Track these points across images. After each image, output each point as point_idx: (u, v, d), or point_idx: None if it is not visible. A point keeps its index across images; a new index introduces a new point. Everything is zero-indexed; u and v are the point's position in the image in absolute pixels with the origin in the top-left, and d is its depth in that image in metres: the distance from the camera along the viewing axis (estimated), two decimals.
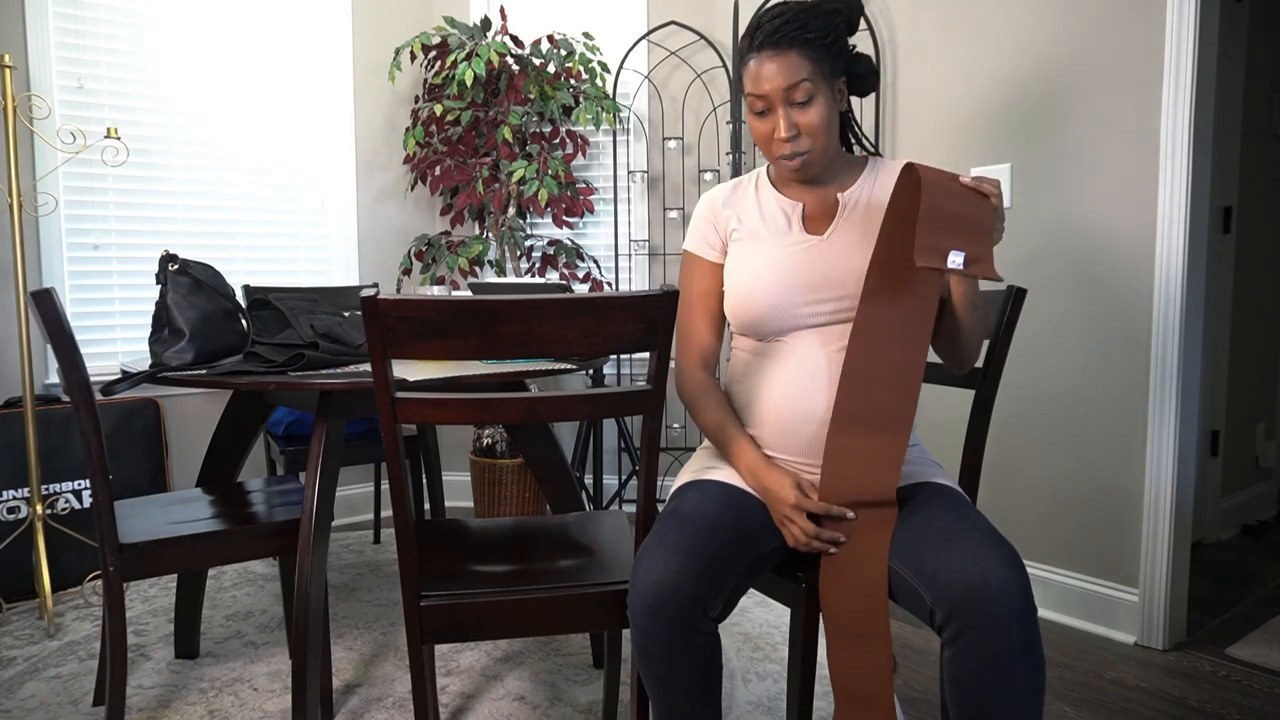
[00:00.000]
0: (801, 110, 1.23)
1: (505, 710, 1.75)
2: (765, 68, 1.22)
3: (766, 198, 1.36)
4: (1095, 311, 2.10)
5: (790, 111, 1.23)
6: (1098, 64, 2.07)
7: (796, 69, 1.21)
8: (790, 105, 1.23)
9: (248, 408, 1.98)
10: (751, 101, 1.25)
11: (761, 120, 1.26)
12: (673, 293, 1.11)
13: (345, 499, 3.23)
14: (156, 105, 2.73)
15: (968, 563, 1.03)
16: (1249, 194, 2.90)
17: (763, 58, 1.22)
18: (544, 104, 2.94)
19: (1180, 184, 1.93)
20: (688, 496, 1.22)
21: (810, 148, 1.25)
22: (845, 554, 1.15)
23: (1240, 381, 2.98)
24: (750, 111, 1.27)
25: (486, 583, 1.26)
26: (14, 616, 2.26)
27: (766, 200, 1.36)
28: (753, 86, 1.24)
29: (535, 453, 1.91)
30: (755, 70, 1.23)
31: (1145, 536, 2.03)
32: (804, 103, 1.22)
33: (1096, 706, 1.76)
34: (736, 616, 2.22)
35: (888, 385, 1.15)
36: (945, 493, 1.20)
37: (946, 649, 1.04)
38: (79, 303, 2.62)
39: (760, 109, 1.25)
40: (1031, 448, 2.25)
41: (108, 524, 1.49)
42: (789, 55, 1.21)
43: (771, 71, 1.21)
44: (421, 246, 3.07)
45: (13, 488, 2.36)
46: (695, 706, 1.11)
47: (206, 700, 1.79)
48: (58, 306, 1.41)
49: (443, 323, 1.05)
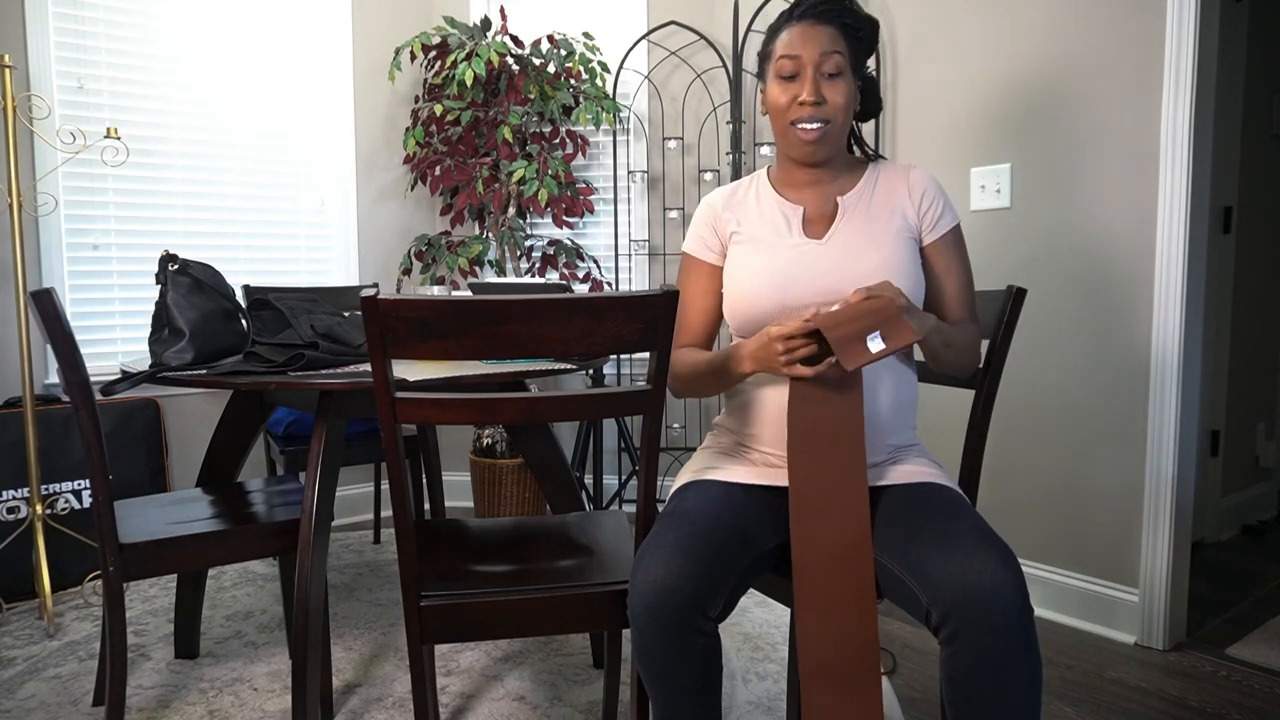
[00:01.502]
0: (830, 82, 1.25)
1: (505, 710, 1.75)
2: (806, 33, 1.24)
3: (767, 201, 1.36)
4: (1095, 311, 2.10)
5: (819, 79, 1.24)
6: (1098, 64, 2.07)
7: (835, 40, 1.24)
8: (820, 74, 1.24)
9: (248, 408, 1.98)
10: (781, 64, 1.25)
11: (786, 85, 1.26)
12: (673, 293, 1.11)
13: (345, 499, 3.23)
14: (156, 105, 2.73)
15: (963, 563, 1.03)
16: (1249, 194, 2.90)
17: (803, 25, 1.24)
18: (544, 104, 2.94)
19: (1180, 184, 1.93)
20: (687, 496, 1.22)
21: (830, 118, 1.26)
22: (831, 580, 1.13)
23: (1240, 381, 2.98)
24: (776, 76, 1.27)
25: (486, 583, 1.26)
26: (14, 616, 2.26)
27: (767, 203, 1.36)
28: (785, 49, 1.25)
29: (535, 453, 1.91)
30: (791, 35, 1.24)
31: (1145, 536, 2.03)
32: (833, 75, 1.24)
33: (1096, 706, 1.76)
34: (736, 616, 2.22)
35: (842, 508, 1.14)
36: (942, 492, 1.20)
37: (943, 649, 1.04)
38: (79, 303, 2.62)
39: (790, 72, 1.25)
40: (1032, 448, 2.25)
41: (108, 524, 1.49)
42: (829, 28, 1.24)
43: (811, 36, 1.23)
44: (421, 246, 3.07)
45: (13, 488, 2.36)
46: (695, 706, 1.11)
47: (206, 700, 1.79)
48: (58, 306, 1.41)
49: (443, 323, 1.05)
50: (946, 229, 1.32)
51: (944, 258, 1.32)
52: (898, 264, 1.26)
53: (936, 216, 1.31)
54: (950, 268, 1.32)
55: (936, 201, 1.31)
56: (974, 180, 2.32)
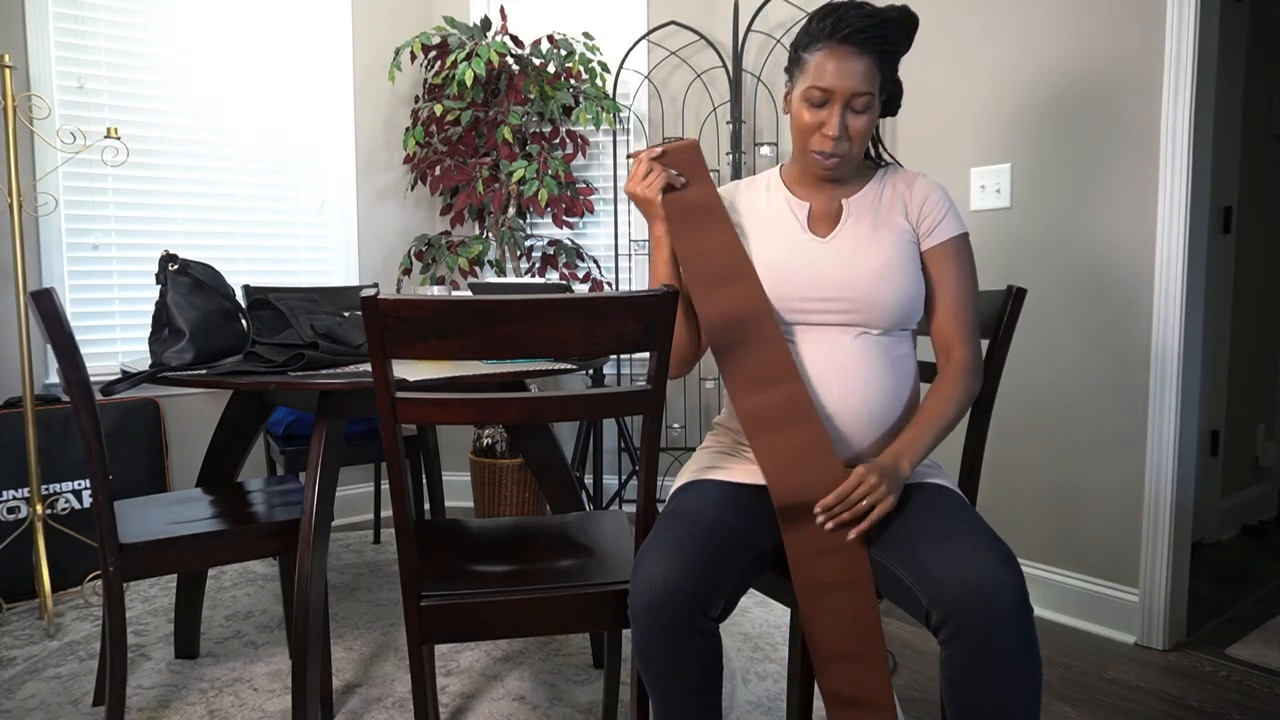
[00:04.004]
0: (855, 117, 1.24)
1: (505, 710, 1.75)
2: (844, 64, 1.21)
3: (776, 196, 1.38)
4: (1095, 311, 2.10)
5: (845, 114, 1.24)
6: (1098, 64, 2.07)
7: (868, 78, 1.22)
8: (847, 108, 1.24)
9: (248, 408, 1.98)
10: (811, 92, 1.24)
11: (814, 111, 1.26)
12: (673, 293, 1.11)
13: (345, 499, 3.23)
14: (157, 105, 2.73)
15: (963, 563, 1.03)
16: (1249, 194, 2.90)
17: (842, 52, 1.21)
18: (544, 104, 2.94)
19: (1180, 184, 1.93)
20: (687, 496, 1.22)
21: (849, 152, 1.26)
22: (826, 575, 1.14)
23: (1240, 381, 2.98)
24: (803, 99, 1.26)
25: (486, 583, 1.26)
26: (14, 616, 2.26)
27: (776, 198, 1.37)
28: (818, 78, 1.23)
29: (535, 453, 1.91)
30: (830, 62, 1.22)
31: (1145, 536, 2.03)
32: (860, 111, 1.24)
33: (1096, 706, 1.76)
34: (736, 616, 2.22)
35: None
36: (941, 493, 1.20)
37: (943, 650, 1.05)
38: (79, 303, 2.62)
39: (820, 100, 1.24)
40: (1031, 448, 2.25)
41: (108, 524, 1.49)
42: (867, 60, 1.22)
43: (849, 71, 1.21)
44: (421, 246, 3.07)
45: (13, 488, 2.36)
46: (695, 706, 1.11)
47: (206, 700, 1.79)
48: (58, 306, 1.41)
49: (443, 323, 1.05)
50: (945, 237, 1.30)
51: (939, 266, 1.31)
52: (895, 267, 1.26)
53: (935, 222, 1.30)
54: (945, 278, 1.30)
55: (938, 208, 1.31)
56: (974, 180, 2.32)
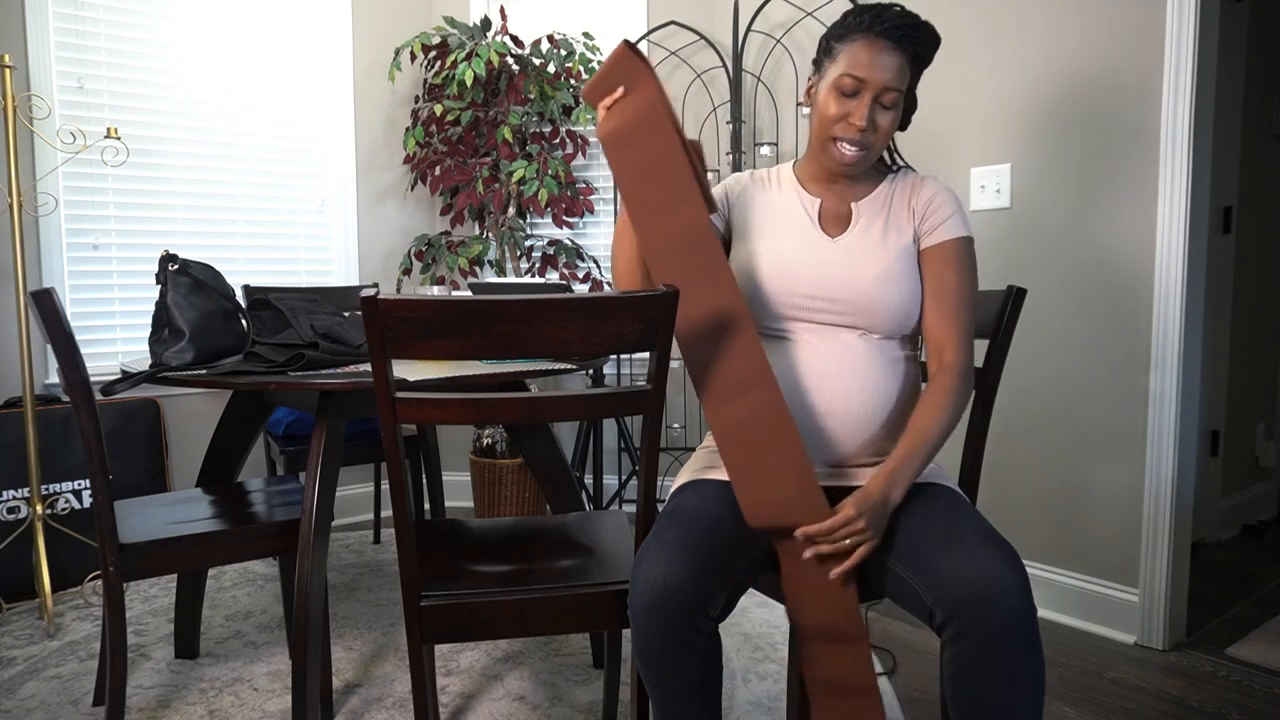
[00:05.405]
0: (883, 112, 1.26)
1: (505, 710, 1.75)
2: (880, 57, 1.22)
3: (788, 191, 1.38)
4: (1095, 311, 2.10)
5: (874, 107, 1.25)
6: (1098, 64, 2.07)
7: (900, 76, 1.24)
8: (876, 102, 1.24)
9: (248, 408, 1.98)
10: (844, 81, 1.24)
11: (843, 100, 1.26)
12: (673, 293, 1.11)
13: (345, 499, 3.23)
14: (157, 105, 2.73)
15: (968, 563, 1.03)
16: (1249, 194, 2.90)
17: (880, 45, 1.22)
18: (544, 104, 2.94)
19: (1180, 184, 1.93)
20: (687, 496, 1.22)
21: (872, 145, 1.27)
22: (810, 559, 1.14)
23: (1240, 381, 2.98)
24: (834, 87, 1.26)
25: (486, 583, 1.26)
26: (14, 616, 2.26)
27: (787, 193, 1.38)
28: (852, 67, 1.23)
29: (535, 453, 1.91)
30: (866, 53, 1.23)
31: (1145, 536, 2.03)
32: (887, 107, 1.25)
33: (1096, 706, 1.76)
34: (736, 616, 2.22)
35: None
36: (944, 493, 1.20)
37: (946, 649, 1.04)
38: (79, 303, 2.62)
39: (851, 90, 1.24)
40: (1032, 448, 2.25)
41: (108, 524, 1.49)
42: (901, 58, 1.24)
43: (884, 64, 1.22)
44: (421, 246, 3.07)
45: (13, 488, 2.36)
46: (695, 706, 1.11)
47: (206, 700, 1.79)
48: (58, 306, 1.41)
49: (443, 323, 1.05)
50: (945, 237, 1.29)
51: (938, 265, 1.29)
52: (897, 274, 1.27)
53: (938, 222, 1.30)
54: (943, 277, 1.28)
55: (943, 209, 1.30)
56: (974, 180, 2.32)
